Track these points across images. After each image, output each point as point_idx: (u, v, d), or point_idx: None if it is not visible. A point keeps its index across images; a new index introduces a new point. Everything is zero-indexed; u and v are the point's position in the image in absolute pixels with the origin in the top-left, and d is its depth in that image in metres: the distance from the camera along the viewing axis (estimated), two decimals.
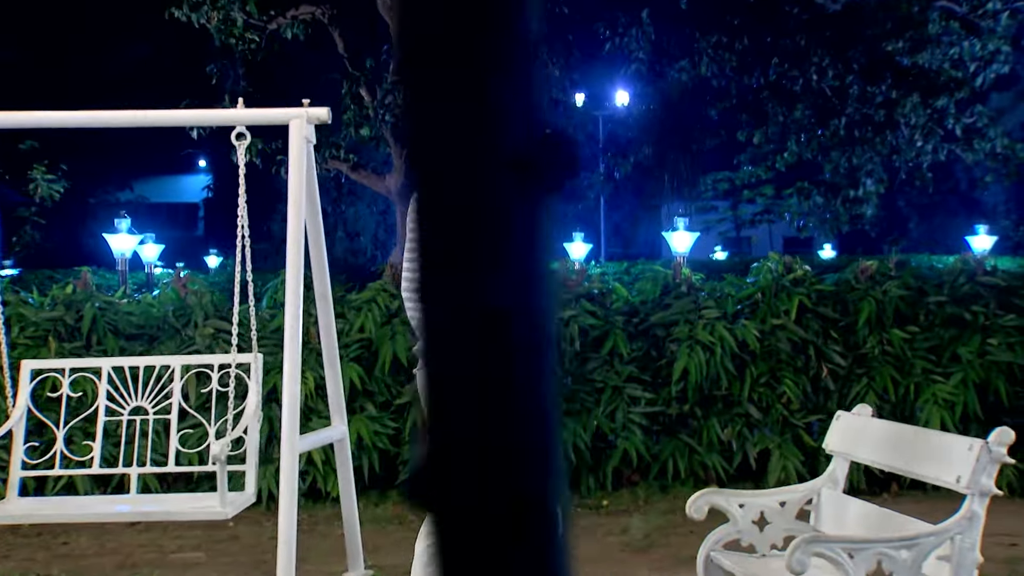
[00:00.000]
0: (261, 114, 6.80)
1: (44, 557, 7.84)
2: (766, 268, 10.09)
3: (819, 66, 24.19)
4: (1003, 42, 23.71)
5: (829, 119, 25.36)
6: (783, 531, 5.20)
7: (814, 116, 25.68)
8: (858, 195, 26.79)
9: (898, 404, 9.64)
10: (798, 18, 24.08)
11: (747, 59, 24.71)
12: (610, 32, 24.86)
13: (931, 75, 23.38)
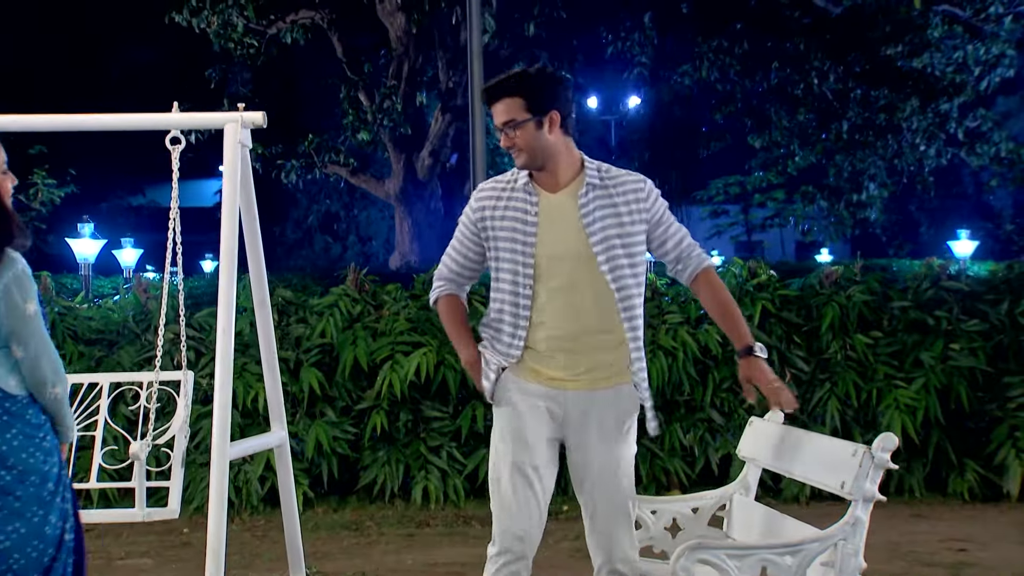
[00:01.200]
0: (195, 118, 6.79)
1: None
2: (730, 273, 10.06)
3: (820, 70, 24.14)
4: (1007, 46, 23.63)
5: (831, 123, 25.31)
6: (696, 538, 5.17)
7: (816, 120, 25.63)
8: (861, 199, 26.74)
9: (860, 409, 9.59)
10: (799, 22, 24.04)
11: (748, 63, 24.68)
12: (612, 37, 24.86)
13: (931, 79, 23.30)
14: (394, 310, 9.71)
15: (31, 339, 4.11)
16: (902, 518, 8.97)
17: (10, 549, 4.02)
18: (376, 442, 9.51)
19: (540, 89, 4.51)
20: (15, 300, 4.09)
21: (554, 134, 4.50)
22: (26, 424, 4.13)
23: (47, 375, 4.16)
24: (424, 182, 22.87)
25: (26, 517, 4.06)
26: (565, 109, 4.53)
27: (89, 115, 7.04)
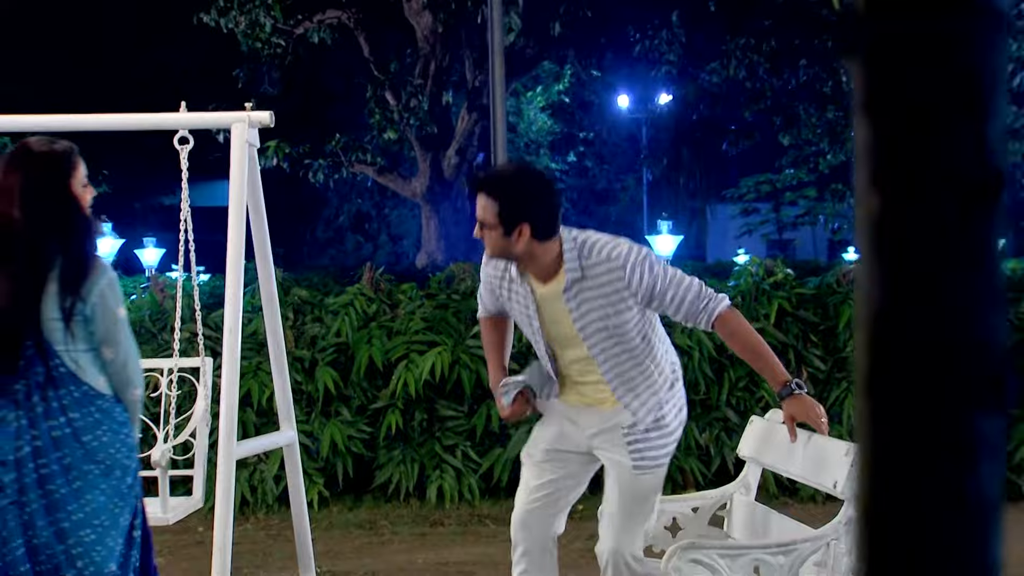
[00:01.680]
0: (203, 118, 6.82)
1: None
2: (747, 272, 10.02)
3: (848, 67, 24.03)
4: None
5: None
6: (694, 537, 5.16)
7: (845, 118, 25.49)
8: None
9: None
10: (827, 19, 23.91)
11: (776, 61, 24.57)
12: (639, 35, 24.79)
13: None
14: (409, 309, 9.72)
15: (122, 342, 4.37)
16: None
17: (95, 542, 4.25)
18: (391, 441, 9.52)
19: (515, 200, 4.52)
20: (109, 304, 4.34)
21: (521, 244, 4.52)
22: (114, 421, 4.38)
23: (132, 377, 4.43)
24: (450, 181, 22.86)
25: (108, 509, 4.30)
26: (539, 220, 4.52)
27: (99, 115, 7.08)
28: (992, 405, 0.84)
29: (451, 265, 10.51)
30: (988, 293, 0.83)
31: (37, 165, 4.50)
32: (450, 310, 9.71)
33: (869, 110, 0.86)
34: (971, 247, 0.83)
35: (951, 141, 0.83)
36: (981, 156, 0.84)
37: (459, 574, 7.49)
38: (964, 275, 0.83)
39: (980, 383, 0.82)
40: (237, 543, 8.38)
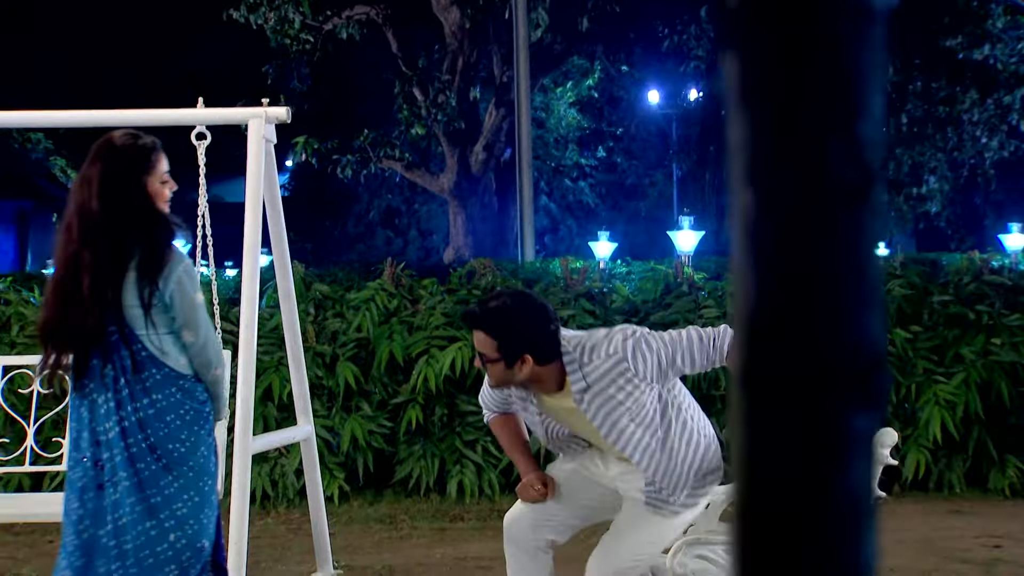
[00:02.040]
0: (220, 114, 6.83)
1: (26, 555, 7.96)
2: None
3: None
4: None
5: (889, 116, 25.06)
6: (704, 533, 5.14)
7: None
8: (921, 192, 26.48)
9: (899, 405, 9.50)
10: None
11: None
12: (668, 30, 24.74)
13: (992, 71, 23.00)
14: (430, 304, 9.74)
15: (200, 325, 4.59)
16: (939, 514, 8.88)
17: (187, 515, 4.47)
18: (411, 436, 9.54)
19: (513, 334, 4.50)
20: (186, 291, 4.56)
21: (525, 371, 4.53)
22: (195, 400, 4.60)
23: (212, 357, 4.64)
24: (478, 176, 22.91)
25: (198, 486, 4.53)
26: (539, 348, 4.51)
27: (118, 111, 7.11)
28: (863, 404, 0.84)
29: (472, 260, 10.51)
30: (861, 292, 0.84)
31: (116, 158, 4.68)
32: (471, 305, 9.70)
33: (742, 107, 0.86)
34: (843, 246, 0.83)
35: (823, 140, 0.84)
36: (853, 156, 0.84)
37: (477, 568, 7.50)
38: (836, 274, 0.83)
39: (851, 382, 0.83)
40: (257, 537, 8.44)
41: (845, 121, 0.84)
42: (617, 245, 21.71)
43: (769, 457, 0.83)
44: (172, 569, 4.43)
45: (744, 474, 0.84)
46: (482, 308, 4.60)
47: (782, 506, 0.83)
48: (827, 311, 0.82)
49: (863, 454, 0.84)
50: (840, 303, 0.83)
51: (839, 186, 0.84)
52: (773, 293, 0.83)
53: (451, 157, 22.95)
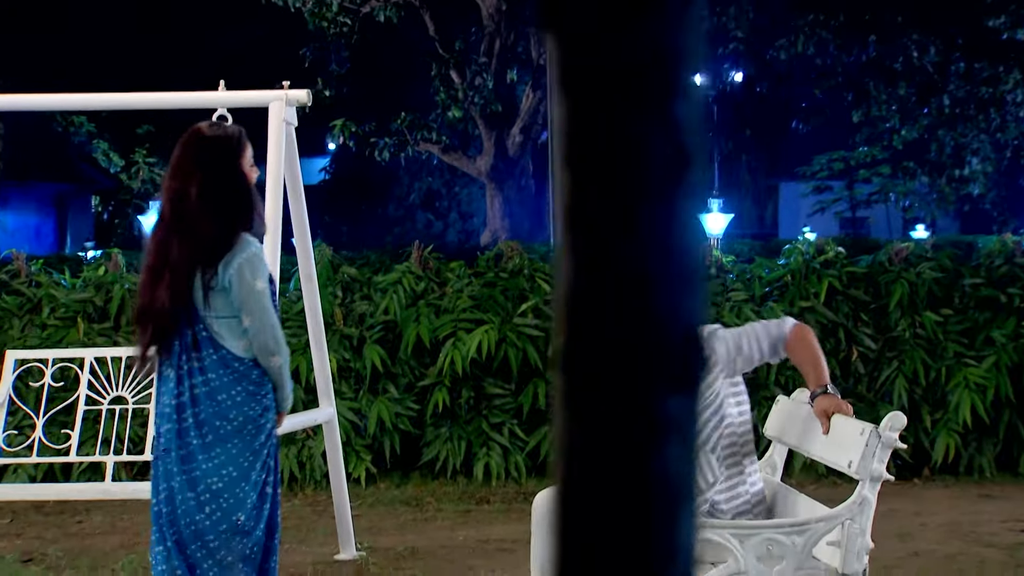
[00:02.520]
0: (241, 96, 6.84)
1: (54, 535, 8.02)
2: (797, 250, 9.93)
3: (919, 43, 23.67)
4: None
5: (931, 96, 24.83)
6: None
7: (916, 94, 25.17)
8: (964, 174, 26.24)
9: (929, 388, 9.43)
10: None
11: (845, 37, 24.29)
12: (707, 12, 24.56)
13: None
14: (457, 287, 9.73)
15: (257, 311, 4.71)
16: (969, 498, 8.82)
17: (221, 490, 4.64)
18: (438, 419, 9.54)
19: None
20: (246, 277, 4.68)
21: None
22: (249, 383, 4.73)
23: (269, 344, 4.74)
24: (515, 159, 22.85)
25: (238, 463, 4.67)
26: None
27: (141, 94, 7.15)
28: (680, 386, 0.82)
29: (499, 243, 10.50)
30: (678, 272, 0.82)
31: (211, 147, 4.87)
32: (498, 288, 9.71)
33: (561, 89, 0.84)
34: (659, 228, 0.81)
35: (640, 120, 0.82)
36: (669, 136, 0.82)
37: (499, 551, 7.50)
38: (652, 256, 0.81)
39: (668, 364, 0.81)
40: (283, 518, 8.46)
41: (660, 102, 0.82)
42: None
43: (585, 439, 0.82)
44: (210, 539, 4.63)
45: (562, 456, 0.83)
46: None
47: (597, 488, 0.81)
48: (642, 294, 0.81)
49: (677, 437, 0.82)
50: (655, 286, 0.81)
51: (654, 165, 0.82)
52: (590, 275, 0.81)
53: (488, 140, 22.90)
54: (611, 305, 0.80)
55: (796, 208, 43.97)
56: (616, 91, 0.82)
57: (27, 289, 9.70)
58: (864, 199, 38.43)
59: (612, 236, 0.81)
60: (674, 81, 0.83)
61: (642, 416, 0.80)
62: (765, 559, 4.23)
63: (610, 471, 0.81)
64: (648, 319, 0.80)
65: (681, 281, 0.82)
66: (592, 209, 0.81)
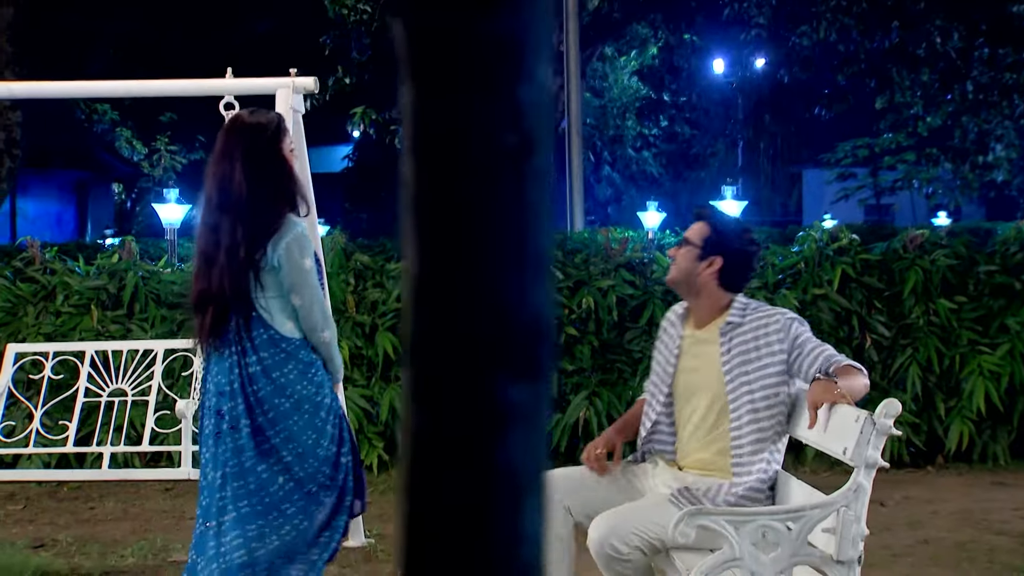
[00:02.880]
0: (248, 84, 6.85)
1: (66, 521, 8.07)
2: (810, 237, 9.89)
3: (943, 28, 23.53)
4: None
5: (954, 83, 24.68)
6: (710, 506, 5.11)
7: (939, 80, 25.01)
8: (988, 161, 26.09)
9: (943, 376, 9.39)
10: None
11: (868, 22, 24.16)
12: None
13: None
14: None
15: (306, 290, 4.84)
16: (982, 486, 8.78)
17: (291, 463, 4.78)
18: None
19: (725, 236, 4.83)
20: (295, 256, 4.80)
21: (706, 275, 4.80)
22: (300, 362, 4.85)
23: (318, 321, 4.88)
24: None
25: (302, 439, 4.80)
26: (730, 265, 4.79)
27: (148, 82, 7.17)
28: (523, 376, 0.82)
29: None
30: (523, 260, 0.81)
31: (254, 133, 4.99)
32: None
33: (407, 73, 0.84)
34: (504, 213, 0.81)
35: (485, 107, 0.81)
36: (515, 121, 0.82)
37: None
38: (497, 242, 0.81)
39: (511, 353, 0.80)
40: None
41: (506, 86, 0.82)
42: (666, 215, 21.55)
43: (431, 427, 0.81)
44: (287, 507, 4.76)
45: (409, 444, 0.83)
46: (717, 209, 5.23)
47: (442, 476, 0.81)
48: (488, 280, 0.80)
49: (523, 425, 0.82)
50: (501, 272, 0.80)
51: (499, 151, 0.81)
52: (435, 261, 0.81)
53: None
54: (455, 293, 0.80)
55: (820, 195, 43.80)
56: (461, 77, 0.81)
57: (41, 276, 9.75)
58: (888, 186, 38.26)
59: (455, 224, 0.80)
60: (520, 68, 0.83)
61: (486, 405, 0.80)
62: (760, 545, 4.22)
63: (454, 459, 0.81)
64: (493, 307, 0.80)
65: (526, 269, 0.81)
66: (435, 196, 0.80)
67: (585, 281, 9.70)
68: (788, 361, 4.69)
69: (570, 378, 9.56)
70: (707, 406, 4.86)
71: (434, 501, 0.81)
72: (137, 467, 8.89)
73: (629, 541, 4.53)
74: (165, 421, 7.46)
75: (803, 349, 4.66)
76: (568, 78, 17.71)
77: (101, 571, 6.67)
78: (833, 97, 30.01)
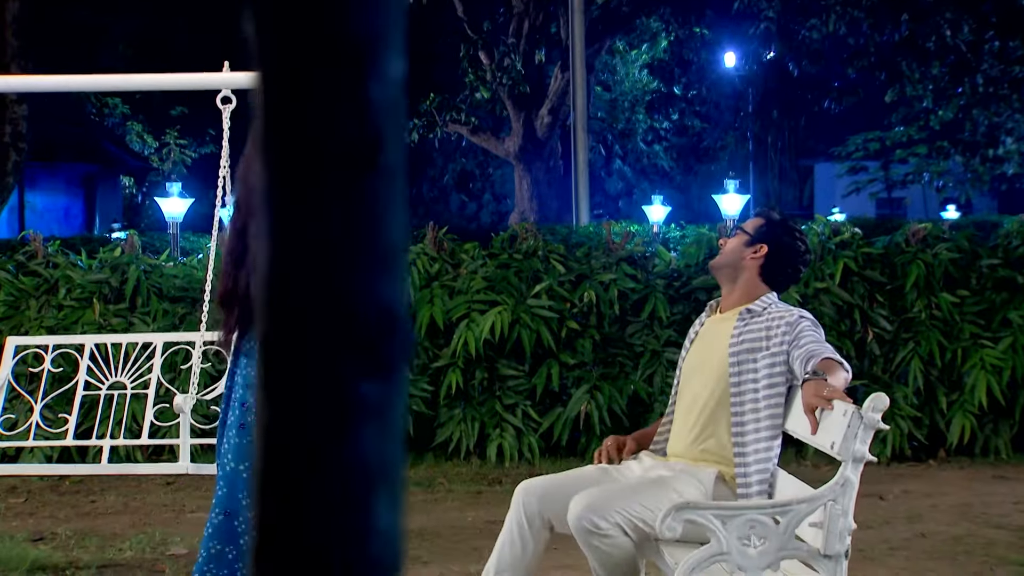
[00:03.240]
0: (244, 78, 6.80)
1: (67, 514, 8.08)
2: (812, 231, 9.88)
3: (952, 21, 23.47)
4: None
5: (964, 76, 24.62)
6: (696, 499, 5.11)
7: (949, 73, 24.95)
8: (998, 154, 26.04)
9: (945, 370, 9.38)
10: None
11: (877, 15, 24.10)
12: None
13: None
14: (471, 268, 9.73)
15: None
16: (984, 480, 8.77)
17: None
18: (451, 400, 9.56)
19: (778, 229, 4.94)
20: None
21: (750, 261, 4.88)
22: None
23: None
24: (543, 140, 22.83)
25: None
26: (775, 256, 4.88)
27: (144, 75, 7.19)
28: (373, 371, 0.82)
29: (514, 225, 10.48)
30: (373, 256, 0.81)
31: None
32: (512, 270, 9.70)
33: (257, 69, 0.84)
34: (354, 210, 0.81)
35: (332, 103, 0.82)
36: (364, 119, 0.82)
37: None
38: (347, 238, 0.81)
39: (360, 348, 0.81)
40: None
41: (355, 83, 0.82)
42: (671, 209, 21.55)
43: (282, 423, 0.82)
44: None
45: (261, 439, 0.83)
46: (780, 211, 5.30)
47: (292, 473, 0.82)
48: (337, 276, 0.81)
49: (375, 421, 0.82)
50: (351, 268, 0.81)
51: (348, 149, 0.81)
52: (285, 258, 0.81)
53: (516, 121, 22.90)
54: (306, 288, 0.80)
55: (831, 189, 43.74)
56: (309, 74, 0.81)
57: (44, 270, 9.78)
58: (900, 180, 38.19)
59: (304, 220, 0.80)
60: (369, 65, 0.83)
61: (336, 401, 0.80)
62: (747, 540, 4.21)
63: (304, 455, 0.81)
64: (342, 304, 0.80)
65: (376, 264, 0.82)
66: (284, 194, 0.81)
67: (587, 275, 9.70)
68: (789, 344, 4.68)
69: (571, 372, 9.57)
70: (709, 392, 4.84)
71: (284, 496, 0.81)
72: (140, 461, 8.93)
73: (609, 517, 4.51)
74: (166, 415, 7.46)
75: (798, 341, 4.65)
76: (573, 72, 17.69)
77: (98, 564, 6.67)
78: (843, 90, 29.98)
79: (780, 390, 4.69)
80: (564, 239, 13.09)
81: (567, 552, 6.83)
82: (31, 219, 26.68)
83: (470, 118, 23.20)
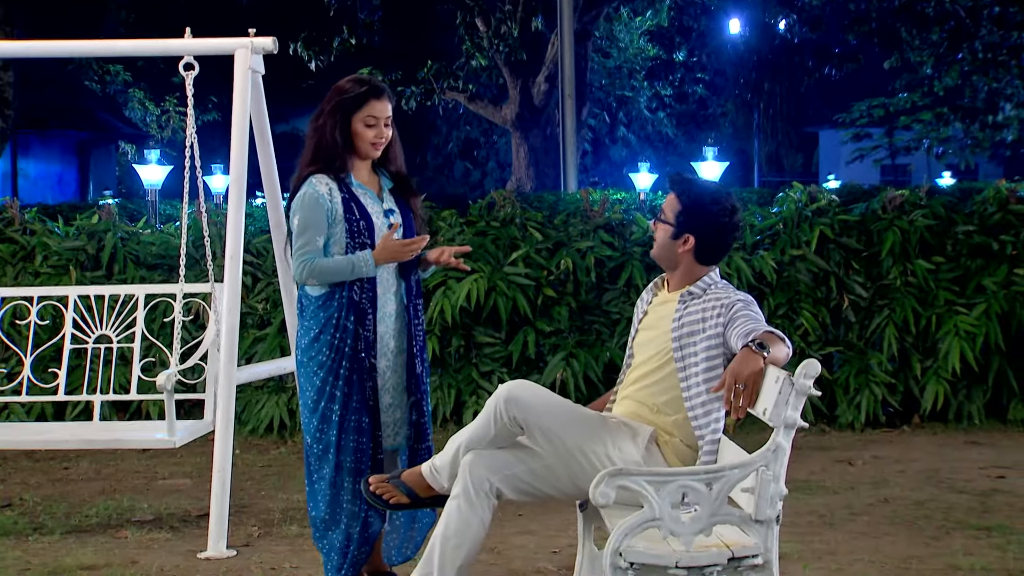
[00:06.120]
0: (206, 44, 6.85)
1: (38, 481, 8.12)
2: (790, 198, 9.87)
3: None
4: None
5: (963, 42, 24.52)
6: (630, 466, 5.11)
7: (948, 39, 24.85)
8: (997, 120, 25.96)
9: (919, 336, 9.38)
10: None
11: None
12: None
13: None
14: (448, 236, 9.73)
15: (294, 242, 5.24)
16: (955, 445, 8.79)
17: (301, 410, 5.35)
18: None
19: (697, 211, 4.85)
20: (294, 209, 5.22)
21: (683, 253, 4.87)
22: (303, 317, 5.31)
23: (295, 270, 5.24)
24: (540, 108, 22.76)
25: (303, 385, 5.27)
26: (703, 240, 4.83)
27: (107, 41, 7.20)
28: None
29: (492, 192, 10.46)
30: None
31: (332, 97, 5.26)
32: (489, 237, 9.70)
33: None
34: None
35: None
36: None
37: None
38: None
39: None
40: (267, 465, 8.57)
41: None
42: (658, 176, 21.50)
43: None
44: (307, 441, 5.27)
45: None
46: (691, 179, 5.07)
47: None
48: None
49: None
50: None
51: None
52: None
53: (513, 88, 22.82)
54: None
55: (836, 156, 43.65)
56: None
57: (20, 237, 9.80)
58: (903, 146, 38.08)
59: None
60: None
61: None
62: (680, 506, 4.24)
63: None
64: None
65: None
66: None
67: (564, 242, 9.71)
68: (725, 322, 4.68)
69: (548, 339, 9.58)
70: (656, 364, 4.87)
71: None
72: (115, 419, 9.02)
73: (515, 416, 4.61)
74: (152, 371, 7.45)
75: (734, 322, 4.65)
76: (561, 37, 17.65)
77: (63, 530, 6.71)
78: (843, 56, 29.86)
79: (719, 371, 4.67)
80: (551, 206, 13.09)
81: (532, 518, 6.88)
82: (24, 186, 26.68)
83: (467, 85, 23.13)
